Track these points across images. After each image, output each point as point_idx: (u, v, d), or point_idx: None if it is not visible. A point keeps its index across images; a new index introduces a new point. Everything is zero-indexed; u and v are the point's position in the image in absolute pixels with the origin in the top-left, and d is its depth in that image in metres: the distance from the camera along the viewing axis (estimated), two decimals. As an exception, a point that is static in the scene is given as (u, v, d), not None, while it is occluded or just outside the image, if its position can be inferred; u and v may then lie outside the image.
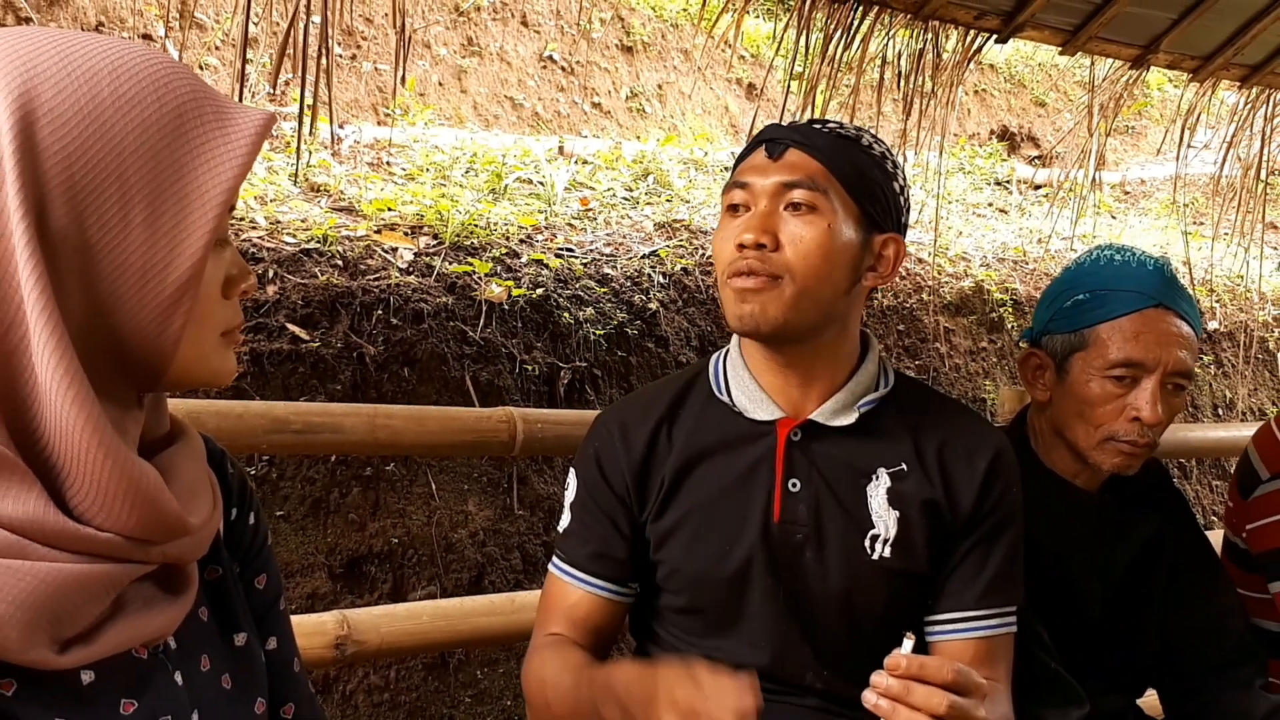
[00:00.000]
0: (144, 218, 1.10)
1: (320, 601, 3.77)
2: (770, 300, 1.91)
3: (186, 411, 2.30)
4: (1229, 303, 7.20)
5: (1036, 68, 10.97)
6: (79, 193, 1.07)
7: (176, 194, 1.12)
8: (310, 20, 3.17)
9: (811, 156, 1.94)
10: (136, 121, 1.10)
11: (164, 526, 1.15)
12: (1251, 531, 2.57)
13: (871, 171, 1.97)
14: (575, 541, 2.10)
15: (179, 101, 1.14)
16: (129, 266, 1.10)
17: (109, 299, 1.11)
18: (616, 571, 2.08)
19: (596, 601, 2.08)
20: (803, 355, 2.00)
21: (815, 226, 1.91)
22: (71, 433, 1.07)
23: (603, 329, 4.56)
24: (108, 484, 1.10)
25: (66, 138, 1.07)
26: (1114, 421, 2.25)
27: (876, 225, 1.98)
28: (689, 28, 8.91)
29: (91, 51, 1.12)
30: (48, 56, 1.09)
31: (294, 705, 1.50)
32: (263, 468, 3.78)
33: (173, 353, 1.16)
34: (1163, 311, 2.25)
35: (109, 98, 1.10)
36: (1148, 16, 3.99)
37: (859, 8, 3.80)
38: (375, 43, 7.14)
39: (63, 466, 1.09)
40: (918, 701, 1.57)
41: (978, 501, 2.03)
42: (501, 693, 4.07)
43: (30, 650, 1.04)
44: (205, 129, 1.14)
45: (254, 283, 1.27)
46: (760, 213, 1.94)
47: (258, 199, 4.65)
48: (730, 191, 2.01)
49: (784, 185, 1.93)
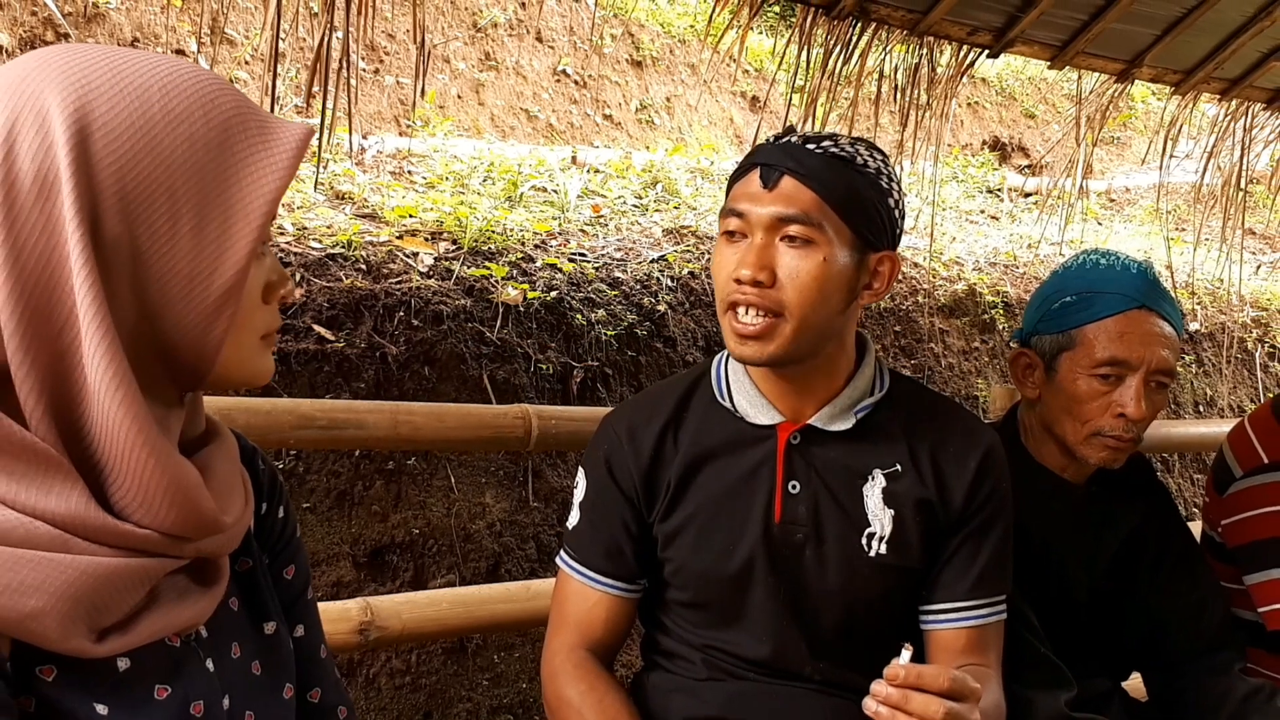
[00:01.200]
0: (191, 227, 1.11)
1: (345, 589, 3.77)
2: (769, 341, 1.90)
3: (218, 409, 2.30)
4: (1210, 305, 7.18)
5: (1026, 81, 10.96)
6: (130, 203, 1.08)
7: (222, 204, 1.12)
8: (335, 36, 3.18)
9: (805, 185, 1.88)
10: (185, 136, 1.11)
11: (200, 524, 1.15)
12: (1227, 526, 2.57)
13: (866, 193, 1.91)
14: (586, 541, 2.10)
15: (225, 117, 1.14)
16: (177, 273, 1.11)
17: (158, 304, 1.11)
18: (627, 570, 2.08)
19: (612, 602, 2.08)
20: (801, 369, 1.99)
21: (811, 260, 1.87)
22: (118, 432, 1.08)
23: (613, 330, 4.56)
24: (151, 483, 1.10)
25: (119, 151, 1.07)
26: (1100, 418, 2.26)
27: (871, 245, 1.94)
28: (695, 43, 8.90)
29: (142, 69, 1.12)
30: (101, 74, 1.09)
31: (321, 690, 1.50)
32: (290, 462, 3.78)
33: (216, 355, 1.17)
34: (1146, 313, 2.25)
35: (159, 113, 1.10)
36: (1132, 33, 4.00)
37: (857, 24, 3.80)
38: (397, 57, 7.14)
39: (108, 464, 1.09)
40: (915, 709, 1.57)
41: (968, 498, 2.03)
42: (517, 676, 4.07)
43: (69, 639, 1.05)
44: (249, 143, 1.15)
45: (292, 288, 1.27)
46: (756, 246, 1.88)
47: (285, 206, 4.65)
48: (727, 218, 1.95)
49: (779, 220, 1.88)
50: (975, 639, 2.03)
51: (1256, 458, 2.62)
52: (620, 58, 8.53)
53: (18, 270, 1.04)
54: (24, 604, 1.02)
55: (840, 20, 3.72)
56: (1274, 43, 4.16)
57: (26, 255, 1.04)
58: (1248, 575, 2.49)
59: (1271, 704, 2.28)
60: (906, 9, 3.71)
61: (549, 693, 2.07)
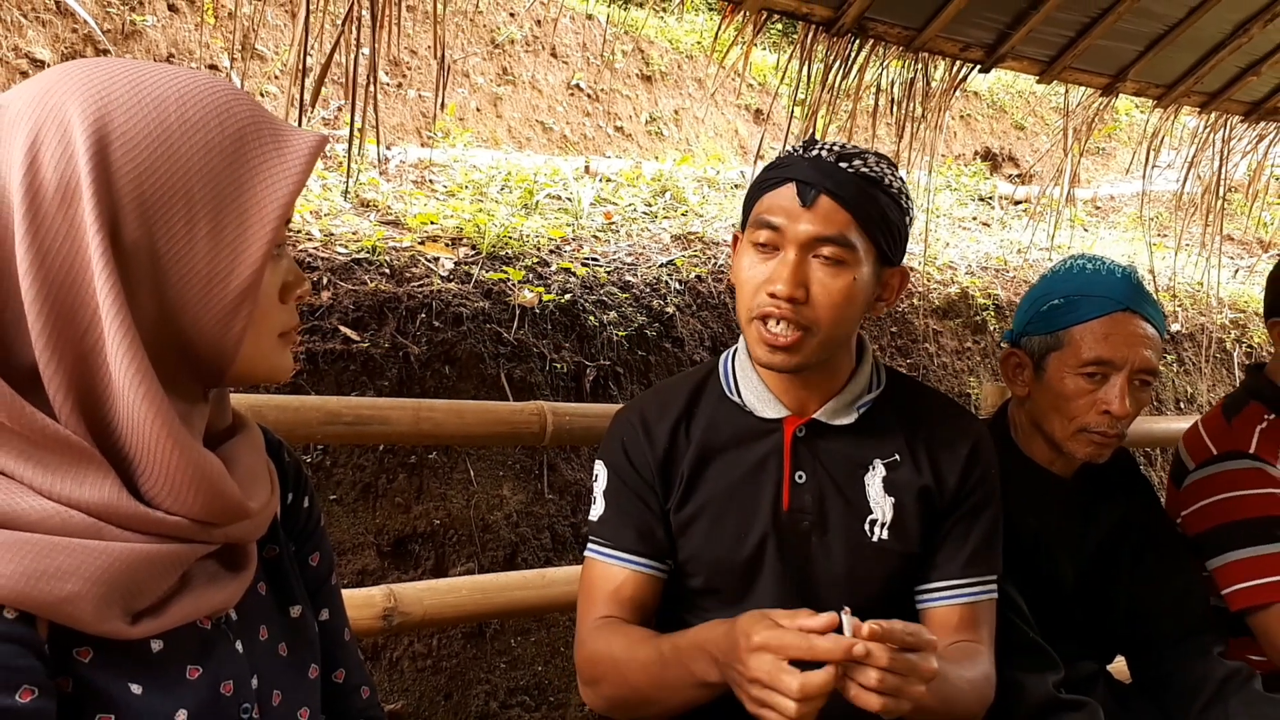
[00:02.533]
0: (208, 230, 1.10)
1: (369, 577, 3.77)
2: (797, 352, 1.91)
3: (248, 405, 2.30)
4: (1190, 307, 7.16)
5: (1016, 95, 10.93)
6: (149, 209, 1.08)
7: (237, 209, 1.12)
8: (360, 52, 3.18)
9: (843, 207, 1.86)
10: (201, 144, 1.10)
11: (226, 511, 1.15)
12: (1186, 517, 2.60)
13: (891, 214, 1.91)
14: (614, 526, 2.07)
15: (239, 125, 1.14)
16: (195, 274, 1.11)
17: (177, 304, 1.11)
18: (656, 548, 2.05)
19: (641, 579, 2.04)
20: (809, 369, 2.00)
21: (843, 279, 1.88)
22: (143, 425, 1.08)
23: (624, 330, 4.55)
24: (176, 472, 1.10)
25: (138, 159, 1.07)
26: (1086, 414, 2.26)
27: (889, 260, 1.96)
28: (702, 59, 8.90)
29: (160, 80, 1.12)
30: (120, 85, 1.09)
31: (345, 671, 1.51)
32: (317, 456, 3.78)
33: (235, 352, 1.17)
34: (1130, 315, 2.25)
35: (176, 122, 1.10)
36: (1117, 49, 4.01)
37: (856, 41, 3.80)
38: (419, 72, 7.14)
39: (135, 456, 1.10)
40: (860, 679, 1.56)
41: (960, 483, 2.06)
42: (533, 659, 4.07)
43: (105, 622, 1.05)
44: (263, 150, 1.14)
45: (308, 288, 1.27)
46: (792, 262, 1.87)
47: (313, 213, 4.65)
48: (758, 230, 1.92)
49: (817, 240, 1.87)
50: (968, 616, 2.04)
51: (1207, 451, 2.65)
52: (631, 72, 8.52)
53: (43, 274, 1.04)
54: (61, 589, 1.02)
55: (840, 37, 3.72)
56: (1251, 58, 4.18)
57: (51, 260, 1.05)
58: (1209, 561, 2.51)
59: (1248, 686, 2.28)
60: (902, 26, 3.71)
61: (580, 660, 2.02)
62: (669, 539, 2.07)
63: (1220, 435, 2.66)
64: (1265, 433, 2.62)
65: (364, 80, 3.25)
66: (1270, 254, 9.05)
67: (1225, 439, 2.64)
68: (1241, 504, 2.51)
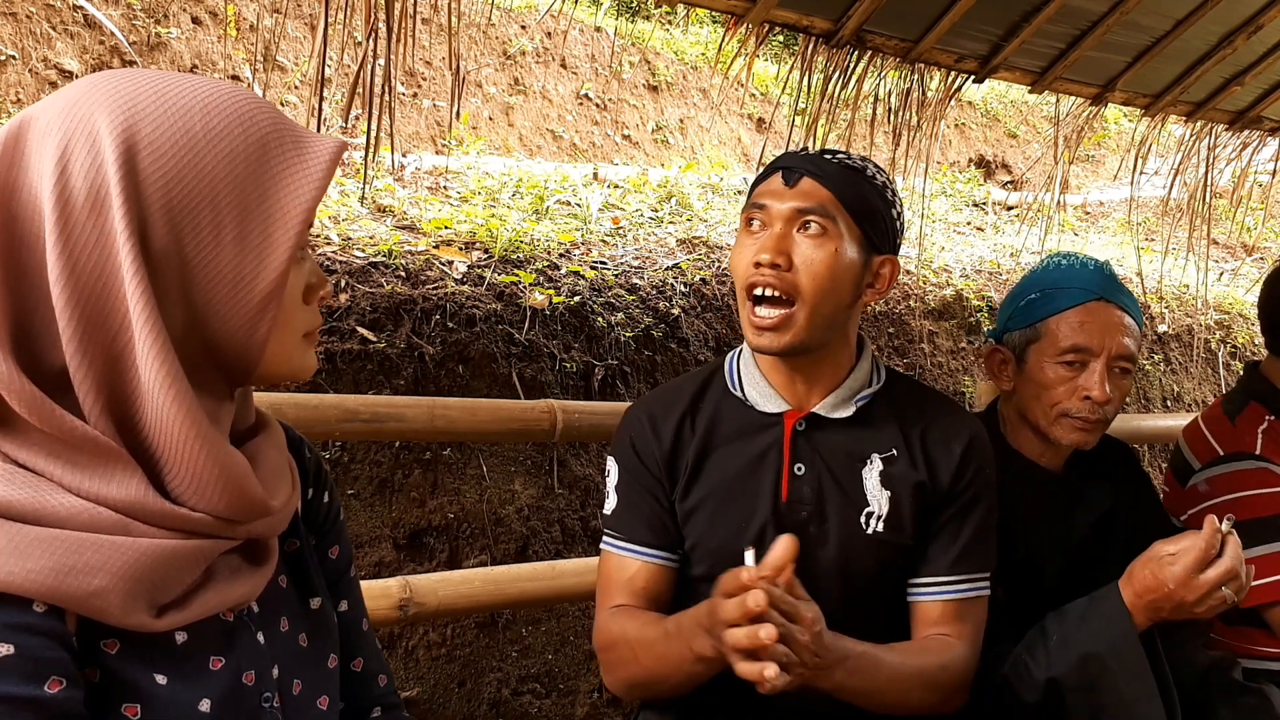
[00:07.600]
0: (234, 235, 1.10)
1: (386, 569, 3.77)
2: (785, 331, 1.94)
3: (269, 403, 2.30)
4: (1177, 309, 7.14)
5: (1009, 104, 10.91)
6: (177, 215, 1.08)
7: (262, 214, 1.12)
8: (377, 63, 3.18)
9: (823, 185, 1.95)
10: (225, 152, 1.10)
11: (250, 508, 1.15)
12: (1192, 515, 2.59)
13: (874, 200, 1.98)
14: (627, 520, 2.09)
15: (262, 133, 1.14)
16: (222, 278, 1.11)
17: (204, 307, 1.11)
18: (667, 540, 2.07)
19: (653, 569, 2.06)
20: (809, 359, 2.03)
21: (824, 249, 1.93)
22: (171, 425, 1.08)
23: (632, 331, 4.55)
24: (202, 470, 1.10)
25: (165, 168, 1.07)
26: (1067, 400, 2.28)
27: (876, 247, 2.00)
28: (706, 70, 8.89)
29: (185, 90, 1.12)
30: (147, 96, 1.09)
31: (363, 660, 1.51)
32: (336, 452, 3.78)
33: (261, 352, 1.17)
34: (1104, 304, 2.28)
35: (201, 131, 1.10)
36: (1106, 60, 4.02)
37: (854, 52, 3.80)
38: (434, 83, 7.14)
39: (162, 455, 1.09)
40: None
41: (954, 479, 2.06)
42: (544, 648, 4.07)
43: (131, 615, 1.05)
44: (285, 157, 1.14)
45: (330, 289, 1.27)
46: (776, 234, 1.95)
47: (331, 218, 4.65)
48: (749, 211, 2.01)
49: (798, 211, 1.94)
50: (951, 611, 2.05)
51: (1212, 451, 2.66)
52: (638, 83, 8.52)
53: (75, 280, 1.04)
54: (89, 583, 1.02)
55: (839, 49, 3.72)
56: (1235, 69, 4.20)
57: (82, 266, 1.05)
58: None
59: (1229, 676, 2.29)
60: (899, 38, 3.72)
61: (598, 646, 2.06)
62: (678, 530, 2.08)
63: (1226, 436, 2.67)
64: (1268, 434, 2.63)
65: (380, 90, 3.25)
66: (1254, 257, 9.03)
67: (1231, 440, 2.65)
68: (1252, 503, 2.51)
